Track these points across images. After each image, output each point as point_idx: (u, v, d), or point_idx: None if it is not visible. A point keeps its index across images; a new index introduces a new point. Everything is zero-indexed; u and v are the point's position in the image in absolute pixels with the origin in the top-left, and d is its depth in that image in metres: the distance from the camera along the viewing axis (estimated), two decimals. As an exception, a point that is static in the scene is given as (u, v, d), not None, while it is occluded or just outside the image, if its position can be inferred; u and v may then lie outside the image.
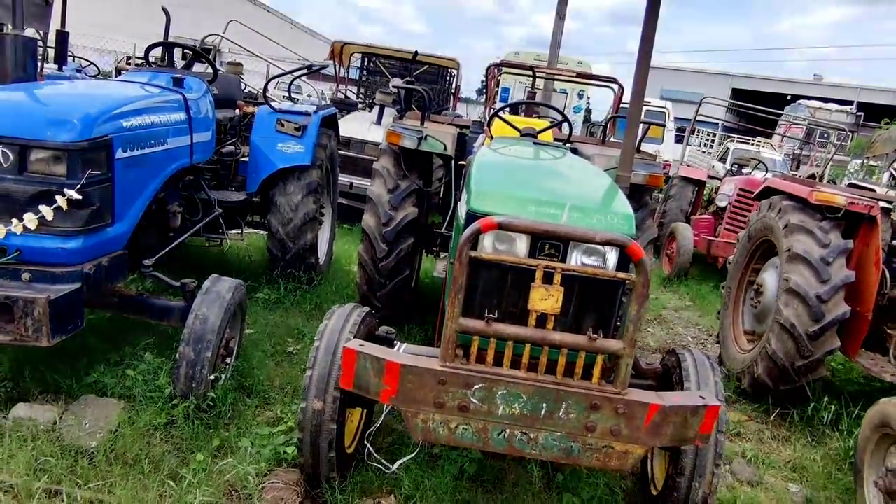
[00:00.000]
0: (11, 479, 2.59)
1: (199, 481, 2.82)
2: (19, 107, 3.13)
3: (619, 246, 2.44)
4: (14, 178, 2.97)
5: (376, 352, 2.57)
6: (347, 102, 10.54)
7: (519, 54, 18.50)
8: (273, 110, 5.27)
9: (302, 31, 43.91)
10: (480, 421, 2.51)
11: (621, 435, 2.49)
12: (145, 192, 3.63)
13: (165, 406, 3.25)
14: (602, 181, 3.13)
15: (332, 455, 2.88)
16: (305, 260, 5.33)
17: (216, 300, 3.45)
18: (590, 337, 2.48)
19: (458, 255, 2.44)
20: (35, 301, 2.80)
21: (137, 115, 3.48)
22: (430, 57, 10.96)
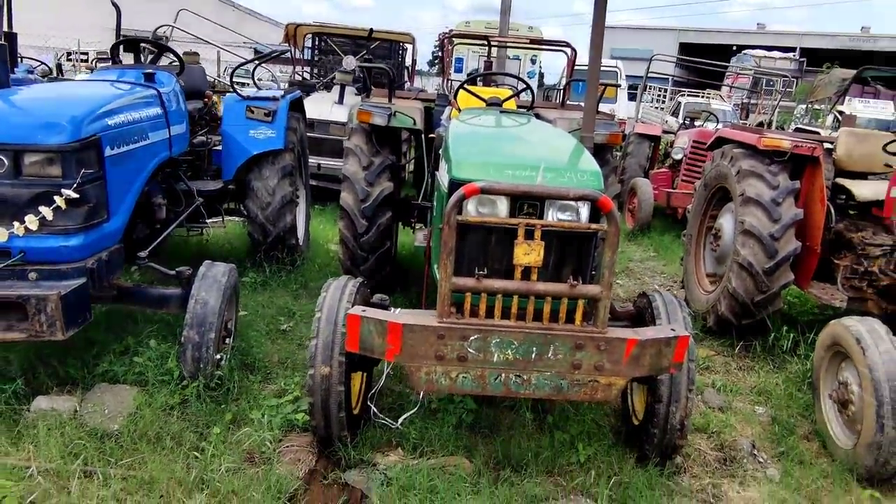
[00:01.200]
0: (48, 464, 2.77)
1: (219, 451, 3.03)
2: (6, 113, 3.23)
3: (590, 200, 2.70)
4: (11, 182, 3.09)
5: (378, 315, 2.80)
6: (306, 84, 10.56)
7: (470, 24, 18.57)
8: (241, 98, 5.38)
9: (245, 14, 43.01)
10: (478, 368, 2.76)
11: (605, 369, 2.78)
12: (134, 186, 3.76)
13: (177, 387, 3.43)
14: (568, 142, 3.39)
15: (341, 415, 3.11)
16: (287, 241, 5.50)
17: (213, 284, 3.63)
18: (570, 284, 2.75)
19: (445, 220, 2.68)
20: (47, 298, 2.95)
21: (120, 113, 3.59)
22: (385, 33, 11.00)
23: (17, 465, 2.74)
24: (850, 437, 3.50)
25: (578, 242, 2.97)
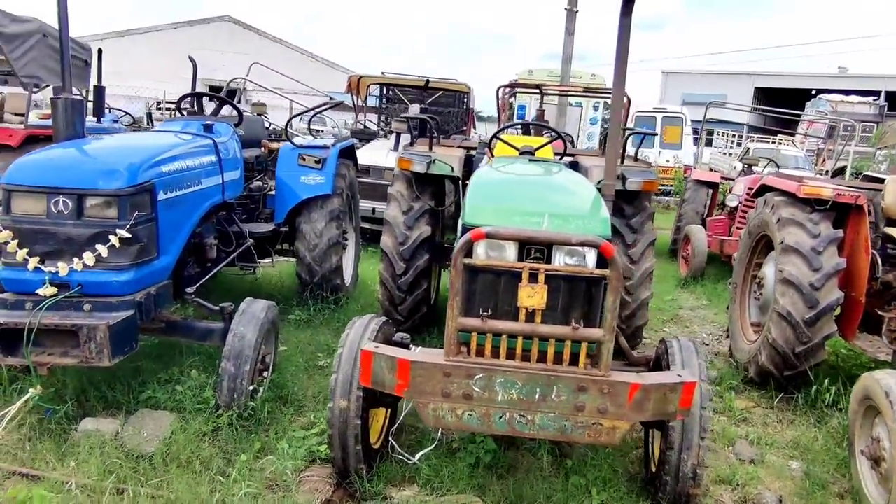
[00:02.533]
0: (86, 480, 3.03)
1: (243, 477, 3.22)
2: (75, 161, 3.62)
3: (592, 246, 2.80)
4: (73, 222, 3.44)
5: (389, 351, 2.95)
6: (367, 132, 11.05)
7: (532, 72, 18.93)
8: (295, 146, 5.75)
9: (323, 65, 45.13)
10: (483, 407, 2.86)
11: (608, 412, 2.82)
12: (184, 228, 4.09)
13: (211, 416, 3.66)
14: (585, 190, 3.49)
15: (358, 448, 3.25)
16: (331, 281, 5.76)
17: (252, 320, 3.88)
18: (573, 327, 2.83)
19: (453, 262, 2.83)
20: (97, 327, 3.25)
21: (174, 161, 3.95)
22: (442, 82, 11.41)
23: (58, 480, 3.00)
24: (882, 497, 3.36)
25: (587, 287, 3.04)
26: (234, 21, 35.23)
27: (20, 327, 3.23)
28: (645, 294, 4.98)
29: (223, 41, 32.65)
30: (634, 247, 4.95)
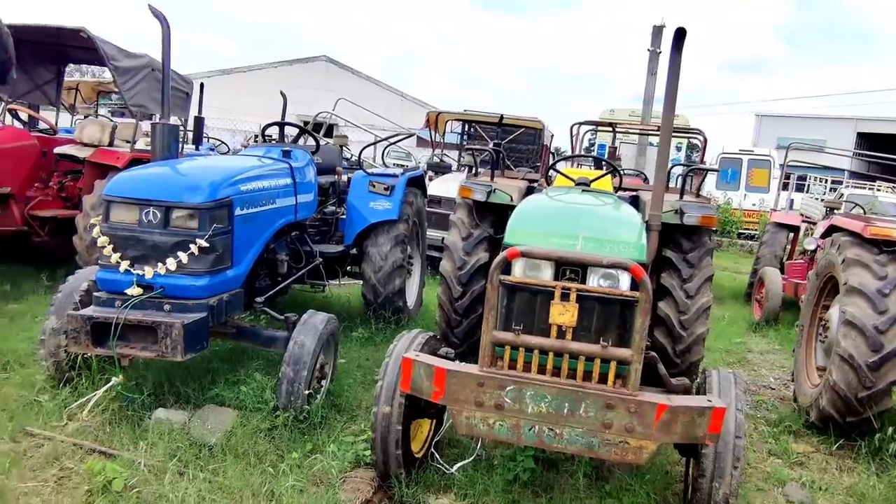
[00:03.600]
0: (153, 461, 3.36)
1: (292, 471, 3.47)
2: (165, 178, 4.07)
3: (622, 268, 2.92)
4: (160, 231, 3.86)
5: (427, 360, 3.15)
6: (442, 165, 11.45)
7: (614, 111, 18.99)
8: (366, 174, 6.12)
9: (412, 102, 46.65)
10: (514, 418, 3.00)
11: (635, 431, 2.90)
12: (257, 242, 4.47)
13: (269, 415, 3.95)
14: (626, 218, 3.61)
15: (398, 452, 3.44)
16: (394, 303, 6.03)
17: (312, 330, 4.18)
18: (602, 345, 2.94)
19: (490, 279, 3.02)
20: (173, 325, 3.62)
21: (251, 181, 4.35)
22: (516, 119, 11.70)
23: (130, 459, 3.35)
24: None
25: (622, 309, 3.14)
26: (330, 60, 37.05)
27: (109, 321, 3.64)
28: (700, 330, 4.95)
29: (319, 79, 34.26)
30: (691, 281, 4.96)
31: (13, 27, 6.20)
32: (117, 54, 6.42)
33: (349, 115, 14.94)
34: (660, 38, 15.66)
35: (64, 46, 6.96)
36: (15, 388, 4.16)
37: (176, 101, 7.61)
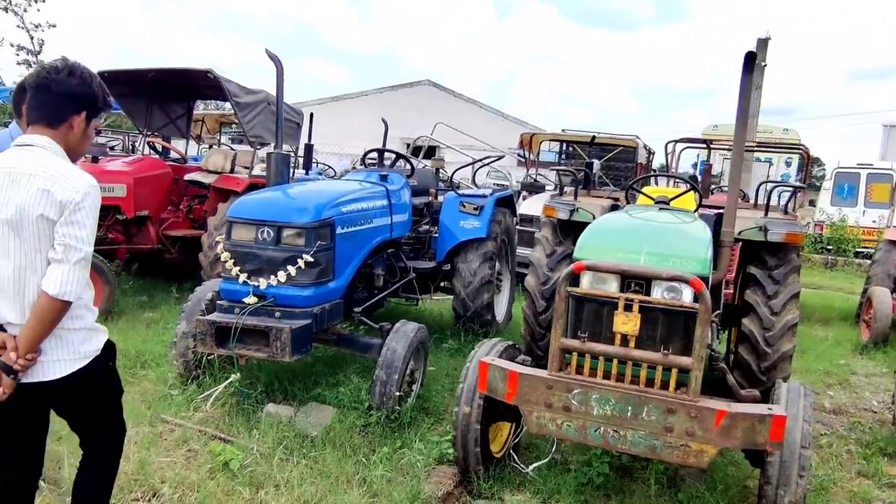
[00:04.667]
0: (263, 447, 3.86)
1: (382, 462, 3.86)
2: (277, 201, 4.64)
3: (681, 281, 3.12)
4: (273, 248, 4.41)
5: (502, 364, 3.47)
6: (536, 185, 11.70)
7: (717, 127, 18.50)
8: (457, 195, 6.53)
9: (513, 123, 47.11)
10: (580, 419, 3.24)
11: (695, 435, 3.07)
12: (356, 258, 4.95)
13: (364, 414, 4.38)
14: (691, 234, 3.76)
15: (477, 450, 3.75)
16: (483, 316, 6.37)
17: (403, 337, 4.59)
18: (663, 353, 3.14)
19: (558, 290, 3.30)
20: (282, 330, 4.13)
21: (351, 203, 4.86)
22: (609, 137, 11.80)
23: (244, 445, 3.86)
24: None
25: (686, 321, 3.32)
26: (432, 84, 38.13)
27: (229, 326, 4.20)
28: (786, 347, 4.94)
29: (422, 102, 35.26)
30: (775, 298, 4.97)
31: (153, 71, 7.13)
32: (238, 91, 7.22)
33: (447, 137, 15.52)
34: (765, 51, 15.21)
35: (194, 85, 7.88)
36: (152, 384, 4.84)
37: (288, 130, 8.37)
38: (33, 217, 2.22)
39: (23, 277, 2.26)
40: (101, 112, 2.52)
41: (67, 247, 2.24)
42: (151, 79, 7.26)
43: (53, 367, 2.32)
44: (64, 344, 2.34)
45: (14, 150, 2.33)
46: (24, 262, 2.25)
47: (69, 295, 2.23)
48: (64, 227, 2.23)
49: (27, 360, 2.23)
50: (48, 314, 2.23)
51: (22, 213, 2.21)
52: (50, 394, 2.35)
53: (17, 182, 2.24)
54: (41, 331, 2.24)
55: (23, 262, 2.25)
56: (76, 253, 2.25)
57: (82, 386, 2.39)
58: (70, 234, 2.24)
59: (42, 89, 2.33)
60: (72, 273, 2.24)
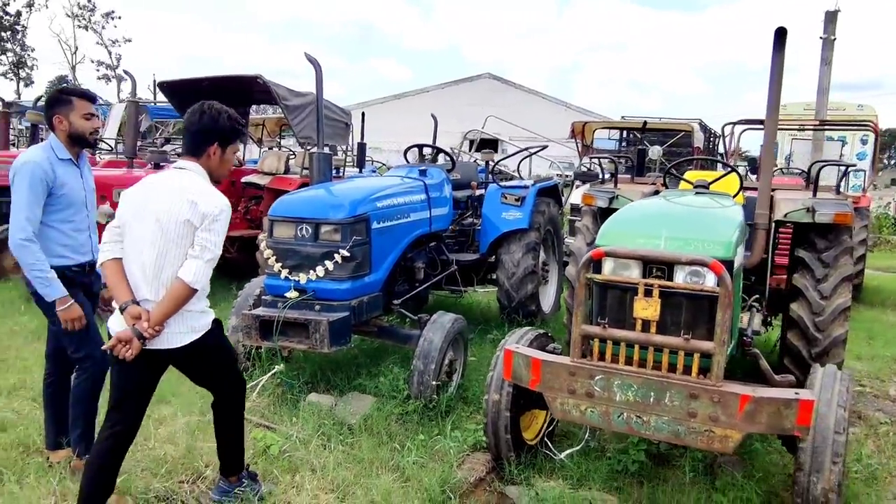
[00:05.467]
0: (303, 434, 4.04)
1: (416, 449, 3.97)
2: (315, 199, 4.82)
3: (701, 264, 3.08)
4: (311, 244, 4.58)
5: (526, 351, 3.51)
6: (589, 174, 11.55)
7: (786, 106, 17.70)
8: (499, 187, 6.57)
9: (577, 112, 46.42)
10: (603, 405, 3.26)
11: (719, 420, 3.03)
12: (393, 251, 5.08)
13: (402, 403, 4.50)
14: (718, 218, 3.69)
15: (507, 437, 3.81)
16: (527, 307, 6.39)
17: (440, 328, 4.69)
18: (684, 338, 3.11)
19: (577, 277, 3.32)
20: (321, 322, 4.30)
21: (387, 199, 4.99)
22: (663, 123, 11.52)
23: (286, 432, 4.06)
24: None
25: (710, 304, 3.27)
26: (493, 77, 38.00)
27: (272, 319, 4.41)
28: (838, 332, 4.76)
29: (484, 96, 35.16)
30: (825, 281, 4.80)
31: (208, 79, 7.48)
32: (287, 94, 7.48)
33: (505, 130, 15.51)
34: (833, 25, 14.50)
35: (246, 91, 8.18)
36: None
37: (337, 130, 8.60)
38: (180, 220, 2.83)
39: (161, 265, 2.86)
40: (233, 140, 3.14)
41: (203, 248, 2.84)
42: (207, 87, 7.60)
43: (172, 338, 2.91)
44: (183, 320, 2.92)
45: (172, 170, 3.05)
46: (165, 253, 2.85)
47: (199, 284, 2.85)
48: (203, 232, 2.84)
49: (155, 330, 2.81)
50: (180, 297, 2.83)
51: (171, 215, 2.83)
52: (166, 359, 2.99)
53: (172, 192, 2.87)
54: (171, 309, 2.83)
55: (163, 253, 2.85)
56: (209, 253, 2.86)
57: (195, 354, 2.99)
58: (206, 239, 2.85)
59: (186, 129, 3.05)
60: (204, 268, 2.86)
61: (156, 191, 2.92)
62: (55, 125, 3.43)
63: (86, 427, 3.52)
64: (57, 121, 3.42)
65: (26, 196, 3.23)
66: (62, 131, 3.44)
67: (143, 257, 2.87)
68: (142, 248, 2.87)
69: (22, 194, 3.23)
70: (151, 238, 2.85)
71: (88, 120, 3.48)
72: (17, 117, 15.42)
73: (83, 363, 3.49)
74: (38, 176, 3.25)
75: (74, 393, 3.54)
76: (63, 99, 3.45)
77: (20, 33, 44.49)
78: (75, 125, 3.44)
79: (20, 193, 3.24)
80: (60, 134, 3.45)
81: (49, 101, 3.47)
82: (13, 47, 44.39)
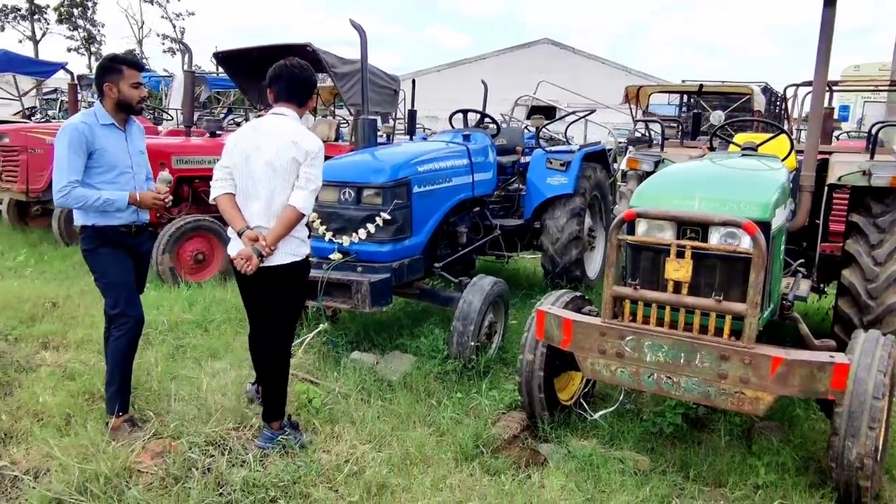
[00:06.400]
0: (344, 389, 4.21)
1: (453, 405, 4.09)
2: (358, 163, 4.93)
3: (734, 225, 3.04)
4: (354, 207, 4.71)
5: (558, 312, 3.55)
6: (641, 139, 11.30)
7: (859, 67, 16.79)
8: (544, 152, 6.53)
9: (637, 77, 45.11)
10: (633, 365, 3.28)
11: (750, 382, 3.02)
12: (434, 215, 5.16)
13: (442, 363, 4.62)
14: (761, 180, 3.60)
15: (541, 396, 3.87)
16: (572, 272, 6.39)
17: (479, 290, 4.76)
18: (716, 300, 3.09)
19: (609, 238, 3.32)
20: (362, 283, 4.44)
21: (428, 163, 5.05)
22: (719, 85, 11.13)
23: (329, 387, 4.24)
24: None
25: (744, 267, 3.23)
26: (552, 43, 37.22)
27: (317, 280, 4.57)
28: (892, 299, 4.60)
29: (542, 62, 34.48)
30: (880, 247, 4.63)
31: (258, 49, 7.65)
32: (336, 62, 7.59)
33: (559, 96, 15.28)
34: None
35: (298, 60, 8.35)
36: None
37: (385, 97, 8.68)
38: (288, 158, 3.35)
39: (272, 198, 3.39)
40: None
41: (308, 179, 3.37)
42: (257, 56, 7.78)
43: (279, 258, 3.41)
44: (289, 244, 3.44)
45: (272, 115, 3.52)
46: (275, 188, 3.38)
47: (306, 210, 3.39)
48: (306, 167, 3.37)
49: (271, 249, 3.33)
50: (291, 221, 3.37)
51: (279, 154, 3.35)
52: (271, 275, 3.43)
53: (277, 136, 3.39)
54: (283, 231, 3.36)
55: (274, 188, 3.38)
56: (312, 184, 3.39)
57: (287, 275, 3.47)
58: (309, 172, 3.38)
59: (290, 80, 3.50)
60: (309, 197, 3.39)
61: (265, 136, 3.42)
62: (105, 92, 3.60)
63: (121, 384, 3.64)
64: (107, 88, 3.58)
65: (65, 154, 3.44)
66: (111, 98, 3.60)
67: (258, 191, 3.40)
68: (256, 184, 3.40)
69: (61, 153, 3.46)
70: (264, 176, 3.38)
71: (136, 88, 3.63)
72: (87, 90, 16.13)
73: (117, 320, 3.65)
74: (75, 137, 3.45)
75: (110, 350, 3.67)
76: (114, 68, 3.59)
77: (90, 9, 46.14)
78: (124, 93, 3.59)
79: (59, 152, 3.47)
80: (108, 101, 3.61)
81: (100, 69, 3.63)
82: (84, 24, 46.11)
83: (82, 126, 3.49)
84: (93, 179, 3.55)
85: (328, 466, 3.37)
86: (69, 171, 3.45)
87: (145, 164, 3.87)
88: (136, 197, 3.61)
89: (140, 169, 3.79)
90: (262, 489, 3.12)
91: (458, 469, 3.45)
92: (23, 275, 7.15)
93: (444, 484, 3.28)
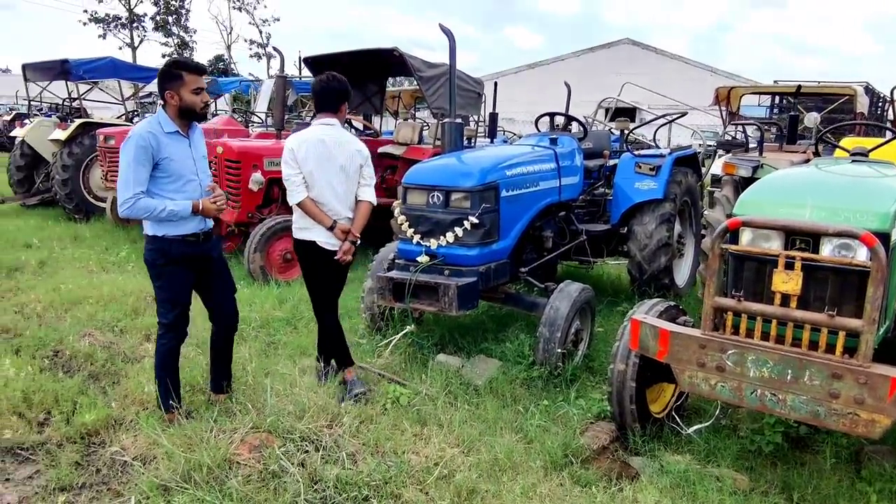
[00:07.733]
0: (431, 391, 4.24)
1: (540, 413, 4.05)
2: (446, 167, 4.95)
3: (850, 236, 2.86)
4: (442, 210, 4.73)
5: (654, 322, 3.45)
6: (733, 143, 10.86)
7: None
8: (633, 155, 6.38)
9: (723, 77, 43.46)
10: (735, 380, 3.14)
11: (865, 404, 2.84)
12: (521, 219, 5.12)
13: (527, 369, 4.58)
14: (878, 186, 3.37)
15: (632, 407, 3.77)
16: (660, 280, 6.21)
17: (566, 297, 4.70)
18: (828, 314, 2.92)
19: (711, 247, 3.20)
20: (450, 286, 4.45)
21: (516, 167, 5.02)
22: (820, 86, 10.55)
23: (415, 388, 4.28)
24: None
25: (859, 280, 3.04)
26: (633, 43, 36.45)
27: (404, 282, 4.63)
28: None
29: (622, 63, 33.83)
30: None
31: (348, 53, 7.82)
32: (422, 66, 7.66)
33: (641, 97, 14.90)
34: None
35: (384, 64, 8.48)
36: (347, 334, 5.46)
37: (469, 101, 8.70)
38: (357, 164, 4.30)
39: (347, 196, 4.31)
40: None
41: (371, 177, 4.42)
42: (347, 60, 7.95)
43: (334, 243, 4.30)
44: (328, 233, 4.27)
45: (323, 126, 4.27)
46: (349, 188, 4.32)
47: (374, 201, 4.41)
48: (366, 168, 4.37)
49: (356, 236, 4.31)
50: (368, 212, 4.39)
51: (350, 162, 4.26)
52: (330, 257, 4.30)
53: (342, 145, 4.26)
54: (364, 221, 4.36)
55: (348, 188, 4.31)
56: (372, 181, 4.44)
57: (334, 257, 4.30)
58: (369, 172, 4.40)
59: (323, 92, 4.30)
60: (373, 191, 4.44)
61: (333, 146, 4.21)
62: (167, 99, 3.55)
63: (170, 385, 3.76)
64: (169, 96, 3.53)
65: (130, 164, 3.41)
66: (173, 106, 3.56)
67: (337, 191, 4.25)
68: (334, 186, 4.23)
69: (126, 164, 3.43)
70: (339, 179, 4.24)
71: (198, 94, 3.58)
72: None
73: (166, 331, 3.73)
74: (141, 146, 3.42)
75: (157, 355, 3.81)
76: (174, 74, 3.52)
77: (183, 17, 48.53)
78: (185, 100, 3.54)
79: (125, 163, 3.43)
80: (171, 108, 3.58)
81: (161, 75, 3.56)
82: (178, 31, 48.53)
83: (148, 136, 3.45)
84: (162, 189, 3.53)
85: (418, 468, 3.40)
86: (135, 183, 3.41)
87: (207, 170, 3.86)
88: (198, 206, 3.59)
89: (204, 175, 3.77)
90: (354, 487, 3.18)
91: (548, 478, 3.41)
92: (125, 269, 7.57)
93: (533, 493, 3.24)
